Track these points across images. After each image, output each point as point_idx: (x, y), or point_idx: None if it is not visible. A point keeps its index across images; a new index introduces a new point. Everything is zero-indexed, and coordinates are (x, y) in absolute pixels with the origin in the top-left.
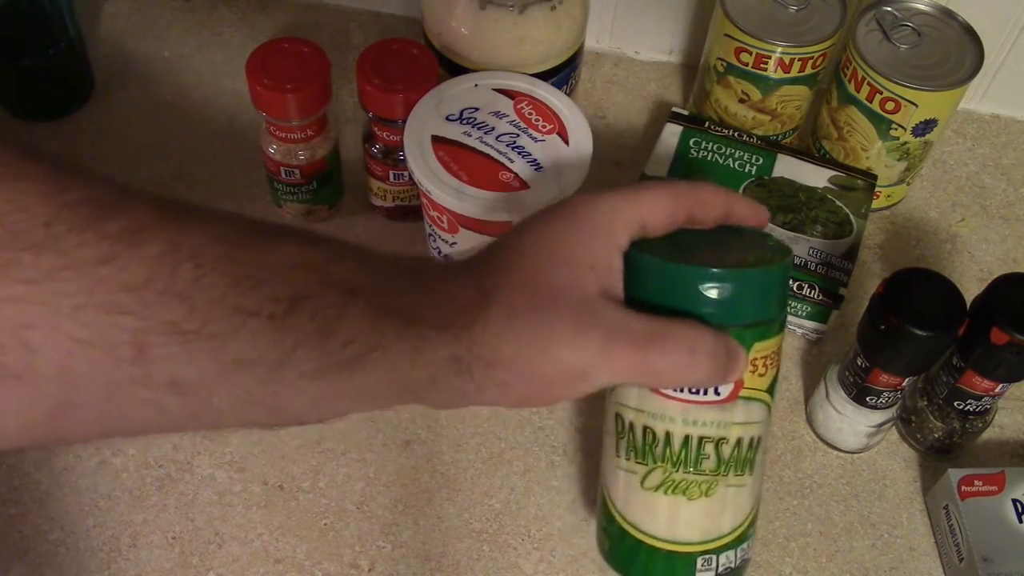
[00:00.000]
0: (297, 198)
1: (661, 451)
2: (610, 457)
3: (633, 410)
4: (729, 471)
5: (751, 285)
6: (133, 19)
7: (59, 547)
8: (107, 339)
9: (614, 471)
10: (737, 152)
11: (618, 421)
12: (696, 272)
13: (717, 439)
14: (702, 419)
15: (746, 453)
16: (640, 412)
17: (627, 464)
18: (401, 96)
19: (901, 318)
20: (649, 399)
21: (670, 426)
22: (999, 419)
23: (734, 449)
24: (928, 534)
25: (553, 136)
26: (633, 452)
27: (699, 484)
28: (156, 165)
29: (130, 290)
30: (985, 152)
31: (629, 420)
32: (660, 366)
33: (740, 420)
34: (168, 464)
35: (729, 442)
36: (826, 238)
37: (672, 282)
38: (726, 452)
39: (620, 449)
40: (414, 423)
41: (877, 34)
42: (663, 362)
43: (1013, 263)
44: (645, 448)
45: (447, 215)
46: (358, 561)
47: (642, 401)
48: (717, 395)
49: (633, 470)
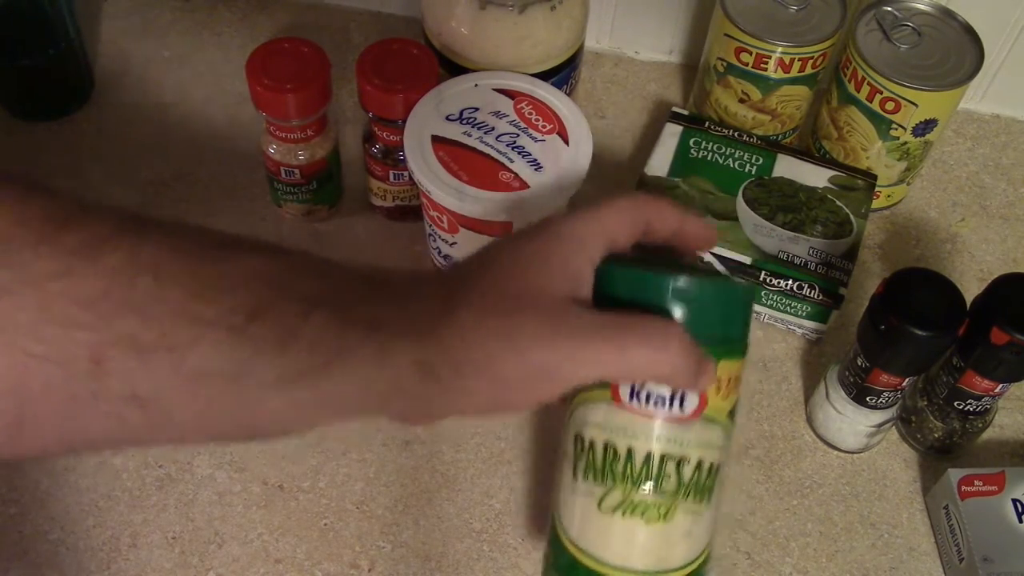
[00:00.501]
0: (297, 198)
1: (622, 468)
2: (566, 483)
3: (595, 427)
4: (688, 495)
5: (719, 297)
6: (133, 19)
7: (59, 547)
8: (63, 354)
9: (569, 497)
10: (737, 152)
11: (577, 442)
12: (667, 279)
13: (679, 458)
14: (665, 435)
15: (705, 479)
16: (602, 428)
17: (584, 487)
18: (401, 96)
19: (901, 318)
20: (612, 414)
21: (633, 442)
22: (999, 419)
23: (694, 472)
24: (928, 534)
25: (553, 136)
26: (592, 472)
27: (658, 507)
28: (156, 165)
29: (87, 304)
30: (985, 152)
31: (590, 438)
32: (632, 355)
33: (701, 441)
34: (168, 464)
35: (690, 463)
36: (826, 238)
37: (642, 290)
38: (686, 473)
39: (578, 471)
40: None
41: (877, 34)
42: (635, 351)
43: (1013, 263)
44: (605, 466)
45: (447, 215)
46: (358, 561)
47: (606, 417)
48: (681, 410)
49: (590, 492)
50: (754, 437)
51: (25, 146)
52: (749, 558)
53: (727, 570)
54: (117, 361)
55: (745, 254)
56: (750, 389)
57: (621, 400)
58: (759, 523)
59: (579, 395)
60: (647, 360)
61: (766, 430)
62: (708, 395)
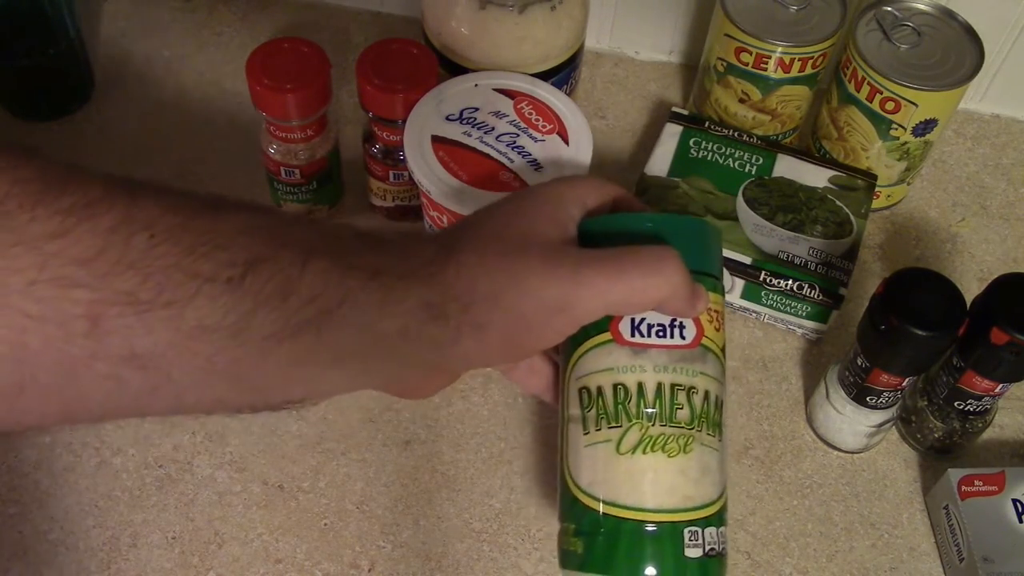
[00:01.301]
0: (297, 198)
1: (635, 405)
2: (577, 441)
3: (600, 372)
4: (703, 426)
5: (695, 232)
6: (133, 19)
7: (59, 547)
8: (60, 314)
9: (585, 452)
10: (737, 152)
11: (584, 394)
12: (645, 218)
13: (688, 387)
14: (672, 364)
15: (713, 412)
16: (609, 371)
17: (601, 435)
18: (401, 96)
19: (901, 318)
20: (617, 353)
21: (642, 376)
22: (999, 419)
23: (704, 402)
24: (928, 534)
25: (553, 136)
26: (606, 418)
27: (676, 438)
28: (156, 165)
29: (83, 263)
30: (985, 152)
31: (598, 385)
32: (635, 277)
33: (706, 370)
34: (168, 464)
35: (699, 392)
36: (826, 238)
37: (624, 231)
38: (697, 403)
39: (589, 424)
40: (414, 423)
41: (877, 34)
42: (638, 272)
43: (1013, 263)
44: (618, 407)
45: (447, 215)
46: (358, 561)
47: (610, 359)
48: (683, 338)
49: (608, 438)
50: (754, 437)
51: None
52: (749, 558)
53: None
54: (115, 319)
55: (745, 254)
56: (750, 389)
57: (622, 337)
58: (759, 523)
59: (577, 349)
60: (647, 282)
61: (766, 430)
62: (703, 324)
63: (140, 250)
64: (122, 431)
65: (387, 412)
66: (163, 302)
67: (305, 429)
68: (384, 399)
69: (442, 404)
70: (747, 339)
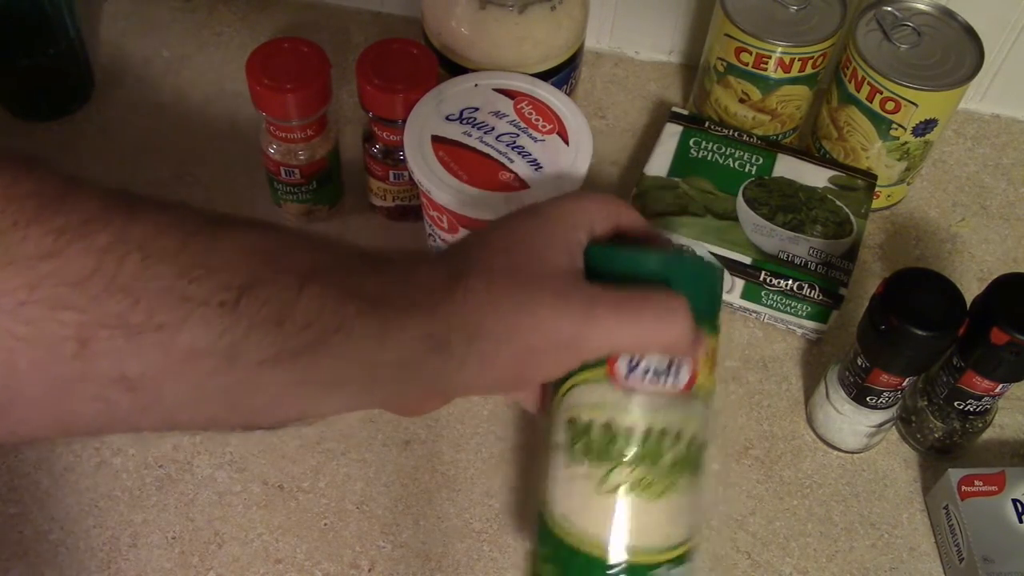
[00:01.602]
0: (297, 198)
1: (622, 446)
2: (558, 471)
3: (592, 407)
4: (684, 470)
5: (699, 273)
6: (133, 19)
7: (59, 547)
8: (49, 335)
9: (565, 484)
10: (737, 152)
11: (572, 426)
12: (652, 257)
13: (675, 432)
14: (663, 409)
15: (696, 455)
16: (600, 408)
17: (582, 470)
18: (401, 96)
19: (901, 318)
20: (608, 392)
21: (631, 419)
22: (999, 419)
23: (687, 446)
24: (928, 534)
25: (553, 136)
26: (590, 455)
27: (658, 482)
28: (156, 165)
29: (74, 284)
30: (985, 152)
31: (587, 420)
32: (645, 325)
33: (692, 416)
34: (168, 464)
35: (684, 437)
36: (826, 238)
37: (629, 267)
38: (682, 448)
39: (574, 456)
40: (414, 423)
41: (877, 34)
42: (647, 320)
43: (1013, 263)
44: (605, 446)
45: (447, 215)
46: (358, 561)
47: (601, 396)
48: (675, 384)
49: (589, 475)
50: (754, 437)
51: (25, 146)
52: (749, 558)
53: (727, 570)
54: (105, 342)
55: (745, 254)
56: (750, 389)
57: (618, 377)
58: (759, 523)
59: (569, 379)
60: (656, 329)
61: (766, 430)
62: (698, 368)
63: (133, 272)
64: None
65: (387, 412)
66: (154, 325)
67: (305, 429)
68: None
69: None
70: (747, 339)
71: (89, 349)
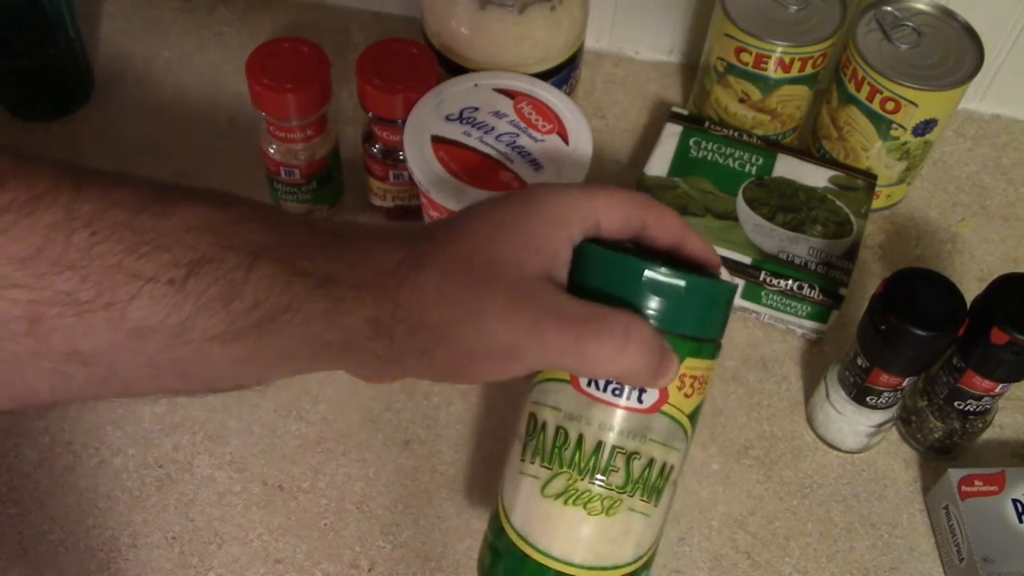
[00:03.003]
0: (297, 198)
1: (570, 455)
2: (514, 462)
3: (549, 408)
4: (636, 492)
5: (696, 293)
6: (133, 19)
7: (59, 547)
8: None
9: (516, 477)
10: (737, 152)
11: (531, 421)
12: (643, 266)
13: (630, 452)
14: (620, 426)
15: (656, 479)
16: (556, 411)
17: (532, 468)
18: (401, 96)
19: (901, 318)
20: (569, 397)
21: (585, 428)
22: (999, 419)
23: (645, 469)
24: (928, 534)
25: (553, 136)
26: (540, 455)
27: (602, 499)
28: (156, 165)
29: (22, 262)
30: (985, 152)
31: (543, 419)
32: (591, 348)
33: (657, 438)
34: (168, 464)
35: (641, 459)
36: (826, 238)
37: (617, 273)
38: (636, 469)
39: (527, 452)
40: (414, 423)
41: (877, 34)
42: (595, 345)
43: (1013, 263)
44: (554, 450)
45: (447, 215)
46: (358, 561)
47: (561, 399)
48: (640, 402)
49: (536, 475)
50: (754, 437)
51: (25, 146)
52: (749, 558)
53: (727, 570)
54: (55, 320)
55: (745, 254)
56: (750, 389)
57: (579, 384)
58: (759, 523)
59: (539, 374)
60: (606, 356)
61: (766, 430)
62: (670, 391)
63: (80, 249)
64: (122, 431)
65: (387, 412)
66: (103, 303)
67: (305, 429)
68: (384, 399)
69: (442, 404)
70: (747, 339)
71: (40, 326)
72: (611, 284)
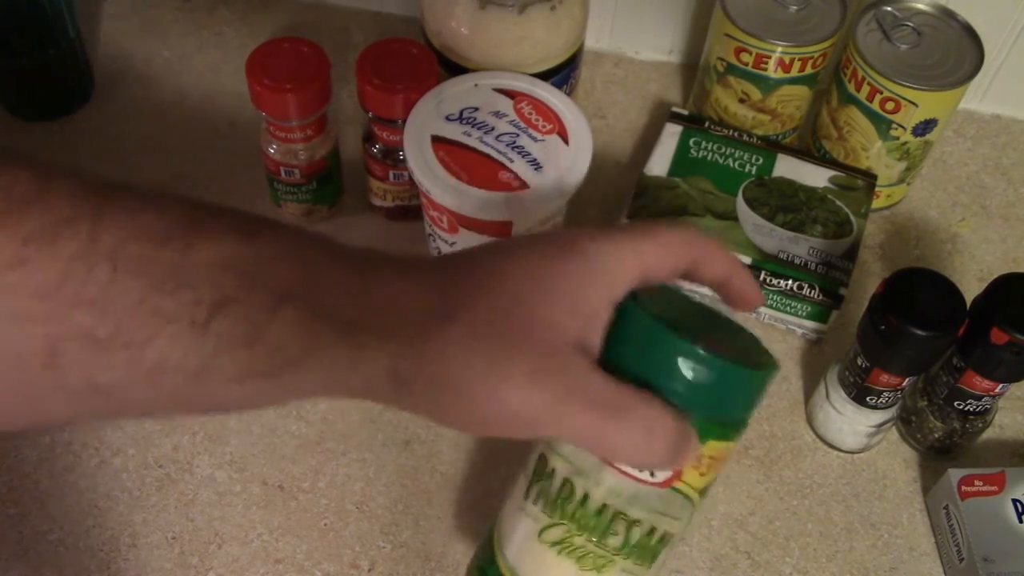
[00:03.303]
0: (297, 198)
1: (573, 509)
2: (517, 497)
3: (561, 457)
4: (631, 556)
5: (732, 381)
6: (133, 19)
7: (59, 547)
8: (17, 348)
9: (516, 513)
10: (737, 152)
11: (540, 462)
12: (683, 346)
13: (632, 520)
14: (627, 494)
15: (654, 544)
16: (567, 462)
17: (533, 510)
18: (401, 96)
19: (901, 318)
20: (582, 453)
21: (592, 488)
22: (999, 419)
23: (644, 535)
24: (928, 534)
25: (553, 136)
26: (543, 500)
27: (596, 557)
28: (156, 165)
29: (42, 296)
30: (985, 152)
31: (552, 466)
32: (614, 440)
33: (663, 511)
34: (168, 464)
35: (642, 527)
36: (826, 238)
37: (655, 346)
38: (635, 536)
39: (531, 492)
40: (414, 423)
41: (877, 34)
42: (618, 437)
43: (1013, 263)
44: (558, 500)
45: (447, 215)
46: (358, 561)
47: (574, 452)
48: (652, 476)
49: (536, 518)
50: (754, 437)
51: (25, 146)
52: (749, 558)
53: (727, 570)
54: (73, 355)
55: (745, 254)
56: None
57: None
58: (759, 523)
59: None
60: (626, 449)
61: (766, 430)
62: (685, 469)
63: (101, 284)
64: (122, 431)
65: (387, 412)
66: (122, 342)
67: (305, 429)
68: None
69: None
70: None
71: (58, 361)
72: (646, 356)
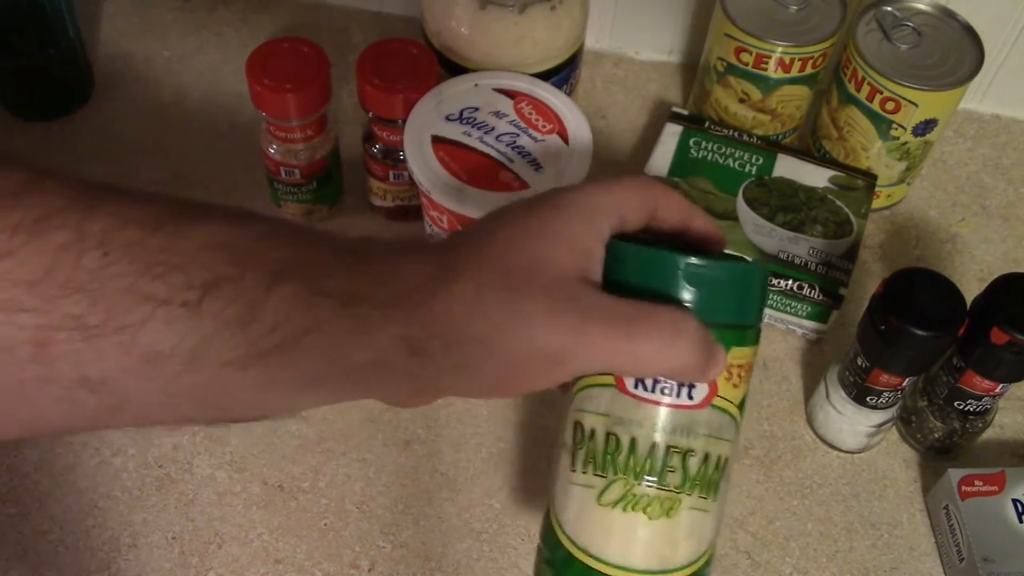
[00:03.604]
0: (297, 198)
1: (624, 460)
2: (564, 474)
3: (596, 415)
4: (694, 490)
5: (734, 281)
6: (133, 19)
7: (59, 547)
8: (5, 339)
9: (567, 489)
10: (737, 152)
11: (577, 430)
12: (680, 260)
13: (685, 450)
14: (672, 425)
15: (712, 473)
16: (605, 417)
17: (583, 478)
18: (401, 96)
19: (901, 318)
20: (616, 401)
21: (636, 431)
22: (999, 419)
23: (701, 465)
24: (928, 534)
25: (553, 136)
26: (592, 463)
27: (661, 501)
28: (156, 165)
29: (29, 285)
30: (985, 152)
31: (591, 427)
32: (641, 347)
33: (710, 432)
34: (168, 464)
35: (696, 455)
36: (826, 238)
37: (654, 269)
38: (693, 466)
39: (577, 462)
40: (414, 423)
41: (877, 34)
42: (644, 343)
43: (1013, 263)
44: (606, 457)
45: (447, 215)
46: (358, 561)
47: (610, 404)
48: (690, 399)
49: (590, 484)
50: (754, 437)
51: (25, 146)
52: (749, 558)
53: (727, 570)
54: (63, 345)
55: (745, 254)
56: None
57: (626, 386)
58: (759, 523)
59: (581, 380)
60: (656, 354)
61: (766, 430)
62: (719, 383)
63: (91, 270)
64: (122, 431)
65: (387, 412)
66: (113, 327)
67: (305, 429)
68: None
69: (442, 404)
70: None
71: (47, 352)
72: (648, 280)
